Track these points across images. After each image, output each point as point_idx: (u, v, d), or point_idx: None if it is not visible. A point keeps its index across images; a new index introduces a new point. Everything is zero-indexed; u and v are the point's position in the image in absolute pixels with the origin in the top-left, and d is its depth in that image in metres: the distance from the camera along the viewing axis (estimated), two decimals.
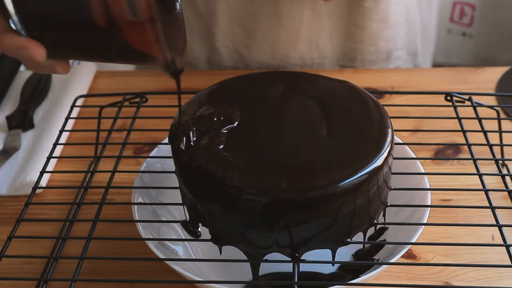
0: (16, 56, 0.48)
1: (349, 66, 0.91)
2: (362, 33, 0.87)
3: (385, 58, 0.91)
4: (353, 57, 0.90)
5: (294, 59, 0.89)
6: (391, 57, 0.92)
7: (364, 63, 0.91)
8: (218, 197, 0.48)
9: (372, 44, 0.89)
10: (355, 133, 0.52)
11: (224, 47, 0.89)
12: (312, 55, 0.89)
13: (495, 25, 1.46)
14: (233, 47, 0.89)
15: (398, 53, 0.92)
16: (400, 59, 0.93)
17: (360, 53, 0.89)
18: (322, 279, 0.57)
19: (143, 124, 0.70)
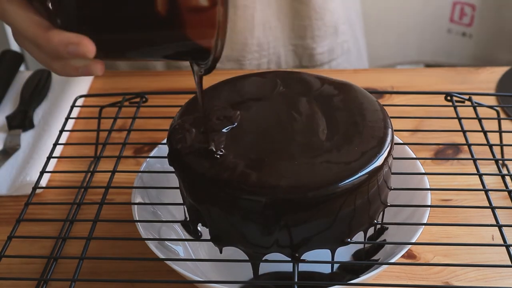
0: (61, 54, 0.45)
1: (300, 45, 0.92)
2: (307, 8, 0.89)
3: (332, 33, 0.94)
4: (303, 35, 0.92)
5: (252, 46, 0.90)
6: (338, 32, 0.94)
7: (314, 39, 0.92)
8: (218, 197, 0.48)
9: (319, 18, 0.91)
10: (355, 133, 0.52)
11: None
12: (267, 39, 0.90)
13: (495, 25, 1.46)
14: None
15: (342, 27, 0.95)
16: (345, 34, 0.96)
17: (309, 29, 0.91)
18: (322, 279, 0.57)
19: (143, 124, 0.70)
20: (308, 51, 0.93)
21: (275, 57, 0.92)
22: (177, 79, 0.89)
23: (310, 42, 0.93)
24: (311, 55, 0.94)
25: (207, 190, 0.49)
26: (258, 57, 0.91)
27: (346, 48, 0.98)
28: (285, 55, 0.93)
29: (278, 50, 0.92)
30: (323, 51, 0.94)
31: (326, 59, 0.95)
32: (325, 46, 0.94)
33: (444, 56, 1.51)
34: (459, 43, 1.54)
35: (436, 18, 1.45)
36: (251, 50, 0.90)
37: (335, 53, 0.96)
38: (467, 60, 1.48)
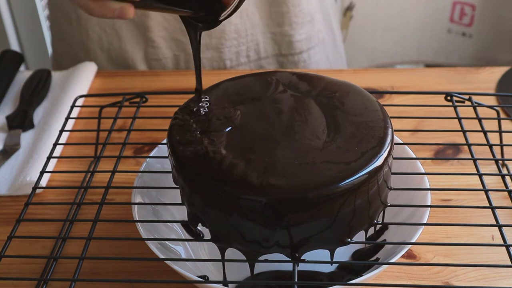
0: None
1: (279, 32, 0.93)
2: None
3: (309, 21, 0.94)
4: (281, 21, 0.92)
5: (230, 33, 0.90)
6: (314, 20, 0.95)
7: (292, 26, 0.93)
8: (218, 197, 0.48)
9: (296, 5, 0.91)
10: (355, 133, 0.52)
11: (161, 38, 0.90)
12: (245, 26, 0.90)
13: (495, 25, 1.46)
14: (168, 35, 0.90)
15: (317, 16, 0.96)
16: (319, 23, 0.97)
17: (287, 16, 0.92)
18: (321, 278, 0.57)
19: (143, 124, 0.70)
20: (287, 38, 0.94)
21: (253, 45, 0.93)
22: (177, 79, 0.89)
23: (288, 29, 0.93)
24: (289, 42, 0.94)
25: (207, 190, 0.49)
26: (237, 44, 0.92)
27: (321, 38, 0.98)
28: (264, 42, 0.93)
29: (256, 38, 0.92)
30: (301, 38, 0.94)
31: (304, 47, 0.95)
32: (303, 33, 0.94)
33: (444, 56, 1.51)
34: (459, 43, 1.54)
35: (436, 18, 1.45)
36: (229, 38, 0.91)
37: (312, 41, 0.96)
38: (467, 60, 1.48)
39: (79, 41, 0.93)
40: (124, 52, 0.92)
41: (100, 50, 0.92)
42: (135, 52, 0.92)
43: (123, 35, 0.90)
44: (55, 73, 0.89)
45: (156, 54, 0.91)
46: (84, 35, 0.92)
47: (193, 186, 0.50)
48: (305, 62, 0.96)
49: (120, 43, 0.91)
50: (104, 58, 0.93)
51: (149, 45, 0.91)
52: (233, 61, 0.93)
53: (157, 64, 0.92)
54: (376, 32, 1.34)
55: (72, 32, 0.93)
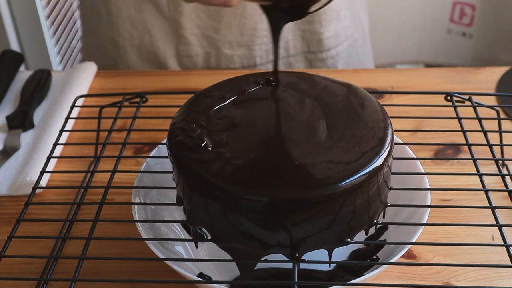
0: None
1: (308, 30, 0.93)
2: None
3: (335, 18, 0.94)
4: (311, 19, 0.92)
5: (261, 30, 0.91)
6: (339, 16, 0.95)
7: (321, 23, 0.93)
8: (218, 197, 0.48)
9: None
10: (355, 133, 0.52)
11: (192, 35, 0.90)
12: None
13: (495, 25, 1.46)
14: (200, 32, 0.90)
15: (344, 12, 0.95)
16: (346, 19, 0.96)
17: (316, 13, 0.92)
18: (320, 277, 0.57)
19: (143, 124, 0.70)
20: (316, 36, 0.94)
21: (283, 42, 0.93)
22: (177, 79, 0.89)
23: (317, 27, 0.93)
24: (318, 40, 0.94)
25: (207, 191, 0.49)
26: (267, 42, 0.92)
27: (350, 34, 0.98)
28: (293, 40, 0.93)
29: (286, 35, 0.92)
30: (329, 35, 0.94)
31: (332, 44, 0.95)
32: (331, 30, 0.94)
33: (444, 56, 1.51)
34: (459, 43, 1.54)
35: (436, 18, 1.45)
36: (260, 35, 0.91)
37: (340, 38, 0.96)
38: (467, 60, 1.48)
39: (109, 37, 0.93)
40: (155, 49, 0.92)
41: (130, 46, 0.92)
42: (166, 49, 0.92)
43: (155, 32, 0.90)
44: (55, 73, 0.89)
45: (187, 51, 0.91)
46: (114, 31, 0.92)
47: (193, 186, 0.50)
48: (333, 58, 0.96)
49: (151, 39, 0.91)
50: (134, 55, 0.93)
51: (180, 42, 0.91)
52: (263, 58, 0.93)
53: (188, 61, 0.92)
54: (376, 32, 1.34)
55: (102, 29, 0.93)
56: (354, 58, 1.00)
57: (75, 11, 1.77)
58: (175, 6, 0.87)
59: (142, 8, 0.89)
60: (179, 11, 0.88)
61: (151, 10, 0.89)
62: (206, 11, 0.88)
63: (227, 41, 0.91)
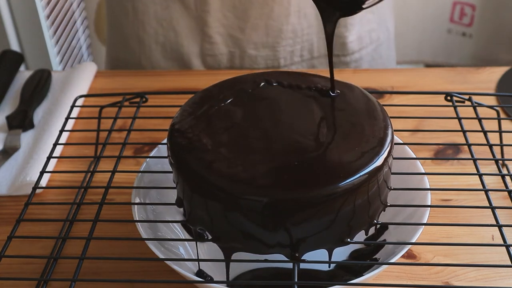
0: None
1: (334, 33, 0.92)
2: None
3: (358, 22, 0.94)
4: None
5: (287, 32, 0.90)
6: (362, 20, 0.94)
7: (347, 27, 0.92)
8: (218, 197, 0.48)
9: None
10: (355, 133, 0.52)
11: (218, 34, 0.90)
12: (302, 26, 0.90)
13: (495, 25, 1.46)
14: (226, 32, 0.90)
15: (368, 15, 0.95)
16: (371, 22, 0.96)
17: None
18: (320, 277, 0.57)
19: (143, 124, 0.70)
20: (341, 39, 0.93)
21: (308, 44, 0.93)
22: (177, 79, 0.89)
23: (343, 31, 0.93)
24: (343, 44, 0.94)
25: (207, 191, 0.49)
26: (292, 43, 0.92)
27: (375, 38, 0.97)
28: (318, 42, 0.93)
29: (311, 38, 0.92)
30: (353, 39, 0.94)
31: (356, 48, 0.95)
32: (354, 34, 0.94)
33: (444, 56, 1.51)
34: (459, 43, 1.54)
35: (436, 18, 1.45)
36: (285, 37, 0.91)
37: (364, 42, 0.96)
38: (467, 60, 1.48)
39: (134, 33, 0.93)
40: (180, 47, 0.92)
41: (155, 43, 0.92)
42: (191, 47, 0.92)
43: (180, 30, 0.91)
44: (55, 73, 0.89)
45: (212, 50, 0.91)
46: (140, 28, 0.92)
47: (193, 187, 0.50)
48: (357, 62, 0.96)
49: (176, 37, 0.91)
50: (158, 51, 0.93)
51: (205, 41, 0.91)
52: (287, 59, 0.93)
53: (212, 59, 0.92)
54: None
55: (127, 24, 0.93)
56: (378, 62, 1.00)
57: (75, 11, 1.77)
58: (202, 4, 0.88)
59: (169, 5, 0.89)
60: (206, 9, 0.88)
61: (178, 8, 0.89)
62: (233, 10, 0.88)
63: (252, 42, 0.91)
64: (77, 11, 1.78)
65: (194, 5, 0.88)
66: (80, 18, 1.80)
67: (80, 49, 1.81)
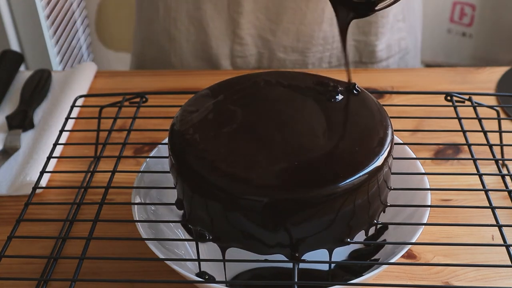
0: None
1: (363, 41, 0.92)
2: None
3: (389, 29, 0.93)
4: (368, 31, 0.92)
5: (318, 39, 0.90)
6: (393, 28, 0.94)
7: (377, 36, 0.92)
8: (219, 197, 0.48)
9: (385, 16, 0.91)
10: (355, 133, 0.52)
11: (249, 35, 0.90)
12: (333, 33, 0.90)
13: (495, 25, 1.46)
14: (257, 33, 0.90)
15: (399, 24, 0.94)
16: (401, 31, 0.95)
17: (374, 25, 0.91)
18: (320, 277, 0.57)
19: (143, 124, 0.70)
20: (370, 47, 0.93)
21: (337, 52, 0.93)
22: (177, 79, 0.89)
23: (373, 39, 0.93)
24: (371, 52, 0.94)
25: (208, 191, 0.49)
26: (322, 50, 0.92)
27: (404, 46, 0.97)
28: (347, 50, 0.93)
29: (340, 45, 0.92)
30: (382, 48, 0.94)
31: (384, 56, 0.95)
32: (384, 42, 0.94)
33: (444, 56, 1.51)
34: (459, 43, 1.54)
35: (436, 18, 1.45)
36: (316, 43, 0.91)
37: (392, 50, 0.95)
38: (467, 60, 1.49)
39: (165, 30, 0.93)
40: (209, 48, 0.92)
41: (186, 41, 0.92)
42: (220, 49, 0.92)
43: (210, 31, 0.90)
44: (55, 73, 0.89)
45: (242, 51, 0.91)
46: (172, 25, 0.92)
47: (193, 187, 0.50)
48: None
49: (206, 38, 0.91)
50: (189, 50, 0.93)
51: (236, 42, 0.90)
52: (315, 65, 0.93)
53: (241, 61, 0.92)
54: None
55: (158, 20, 0.93)
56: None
57: (75, 11, 1.77)
58: (235, 6, 0.87)
59: (200, 6, 0.88)
60: (239, 11, 0.88)
61: (209, 9, 0.88)
62: (266, 12, 0.87)
63: (282, 45, 0.90)
64: (77, 11, 1.78)
65: (227, 6, 0.88)
66: (80, 18, 1.80)
67: (80, 49, 1.81)
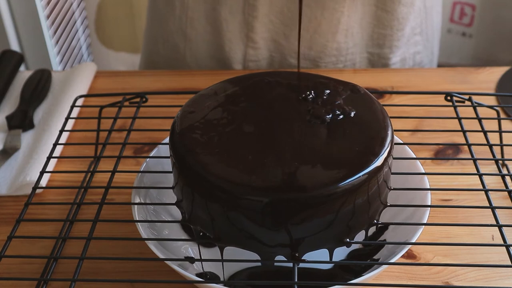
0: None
1: (377, 54, 0.92)
2: (391, 17, 0.89)
3: (405, 43, 0.93)
4: (382, 43, 0.91)
5: (331, 49, 0.90)
6: (409, 42, 0.93)
7: (391, 49, 0.92)
8: (219, 198, 0.48)
9: (400, 29, 0.90)
10: (355, 133, 0.52)
11: (262, 39, 0.89)
12: (347, 45, 0.90)
13: (495, 25, 1.46)
14: (270, 36, 0.89)
15: (416, 37, 0.94)
16: (418, 45, 0.95)
17: (389, 38, 0.91)
18: (320, 277, 0.57)
19: (143, 124, 0.70)
20: (383, 60, 0.93)
21: (350, 64, 0.92)
22: (177, 79, 0.89)
23: (387, 52, 0.92)
24: (385, 65, 0.93)
25: (208, 191, 0.49)
26: (335, 61, 0.91)
27: (419, 61, 0.96)
28: (360, 62, 0.92)
29: (354, 57, 0.91)
30: (396, 61, 0.93)
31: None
32: (398, 56, 0.93)
33: (444, 56, 1.51)
34: (459, 43, 1.54)
35: None
36: (329, 54, 0.90)
37: (406, 64, 0.95)
38: (467, 60, 1.49)
39: (179, 29, 0.92)
40: (223, 50, 0.91)
41: (202, 41, 0.92)
42: (233, 53, 0.91)
43: (225, 34, 0.90)
44: (55, 73, 0.89)
45: (255, 55, 0.91)
46: (188, 24, 0.91)
47: (194, 187, 0.50)
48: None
49: (221, 40, 0.91)
50: (203, 49, 0.93)
51: (249, 46, 0.90)
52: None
53: (253, 65, 0.92)
54: None
55: (173, 19, 0.92)
56: None
57: (75, 11, 1.77)
58: (250, 10, 0.87)
59: (216, 7, 0.88)
60: (254, 15, 0.87)
61: (225, 12, 0.88)
62: (280, 16, 0.87)
63: (294, 51, 0.90)
64: (77, 11, 1.78)
65: (242, 9, 0.87)
66: (80, 18, 1.80)
67: (80, 49, 1.81)
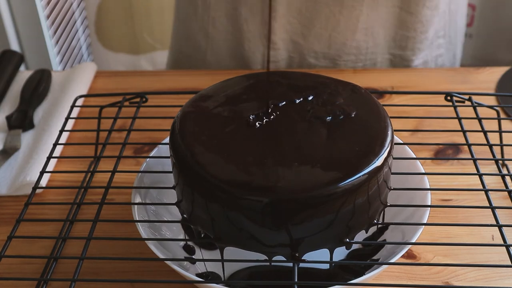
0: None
1: (399, 55, 0.92)
2: (415, 20, 0.88)
3: (428, 46, 0.92)
4: (404, 45, 0.91)
5: (350, 48, 0.89)
6: (432, 45, 0.93)
7: (414, 51, 0.91)
8: (219, 198, 0.48)
9: (424, 32, 0.90)
10: (355, 133, 0.52)
11: (281, 40, 0.89)
12: (367, 44, 0.89)
13: (495, 25, 1.46)
14: (288, 37, 0.89)
15: (439, 40, 0.93)
16: (441, 48, 0.94)
17: (412, 41, 0.90)
18: (320, 277, 0.57)
19: (143, 124, 0.70)
20: (405, 62, 0.92)
21: (370, 63, 0.91)
22: (177, 79, 0.89)
23: (410, 54, 0.91)
24: (406, 67, 0.92)
25: (208, 191, 0.49)
26: (354, 60, 0.90)
27: (441, 63, 0.96)
28: (381, 62, 0.92)
29: (375, 57, 0.91)
30: (418, 63, 0.93)
31: None
32: (421, 58, 0.93)
33: None
34: None
35: None
36: (348, 52, 0.90)
37: (428, 66, 0.94)
38: (467, 60, 1.48)
39: (202, 28, 0.92)
40: (243, 50, 0.91)
41: (224, 40, 0.92)
42: (251, 53, 0.91)
43: (245, 35, 0.90)
44: (55, 73, 0.89)
45: (275, 56, 0.90)
46: (210, 24, 0.91)
47: (194, 187, 0.50)
48: None
49: (241, 40, 0.91)
50: (225, 49, 0.92)
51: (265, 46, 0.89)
52: None
53: (272, 66, 0.91)
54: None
55: (195, 18, 0.92)
56: None
57: (75, 11, 1.77)
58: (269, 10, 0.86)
59: (237, 7, 0.88)
60: (272, 16, 0.86)
61: (245, 13, 0.88)
62: (298, 16, 0.87)
63: (313, 50, 0.89)
64: (77, 11, 1.78)
65: (261, 10, 0.87)
66: (80, 18, 1.80)
67: (80, 49, 1.81)
